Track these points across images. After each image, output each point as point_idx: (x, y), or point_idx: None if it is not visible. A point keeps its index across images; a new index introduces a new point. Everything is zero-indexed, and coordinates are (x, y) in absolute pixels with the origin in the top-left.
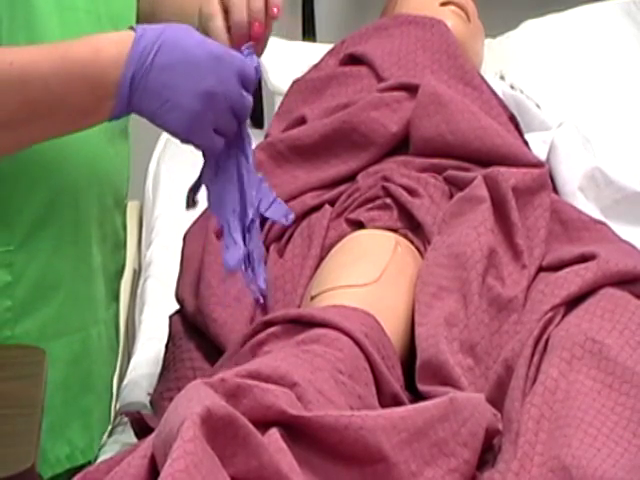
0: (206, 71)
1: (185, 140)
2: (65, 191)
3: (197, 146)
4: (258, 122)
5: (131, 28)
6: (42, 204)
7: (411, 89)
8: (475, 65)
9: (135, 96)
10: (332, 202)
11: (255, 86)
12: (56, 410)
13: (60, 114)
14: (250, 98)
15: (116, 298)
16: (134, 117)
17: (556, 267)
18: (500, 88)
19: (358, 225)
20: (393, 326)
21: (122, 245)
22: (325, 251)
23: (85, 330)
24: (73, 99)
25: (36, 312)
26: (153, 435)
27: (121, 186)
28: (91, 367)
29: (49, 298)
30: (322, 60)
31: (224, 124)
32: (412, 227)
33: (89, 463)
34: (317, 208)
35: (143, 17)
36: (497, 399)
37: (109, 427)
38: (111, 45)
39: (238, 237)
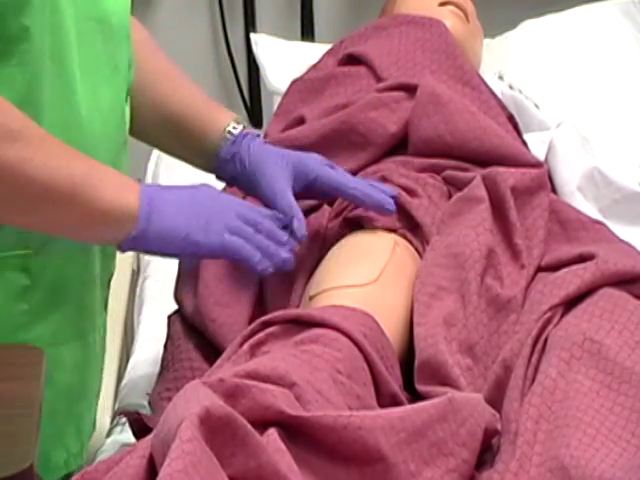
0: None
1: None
2: None
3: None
4: (257, 122)
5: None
6: None
7: (410, 89)
8: (474, 65)
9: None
10: (331, 202)
11: None
12: (60, 417)
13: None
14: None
15: (106, 307)
16: None
17: (555, 267)
18: (499, 88)
19: (357, 225)
20: (392, 326)
21: (114, 254)
22: (324, 251)
23: (86, 337)
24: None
25: (49, 317)
26: (152, 435)
27: None
28: (87, 374)
29: (61, 304)
30: (321, 60)
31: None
32: (411, 227)
33: (79, 468)
34: (316, 208)
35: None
36: (496, 399)
37: (93, 431)
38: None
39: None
